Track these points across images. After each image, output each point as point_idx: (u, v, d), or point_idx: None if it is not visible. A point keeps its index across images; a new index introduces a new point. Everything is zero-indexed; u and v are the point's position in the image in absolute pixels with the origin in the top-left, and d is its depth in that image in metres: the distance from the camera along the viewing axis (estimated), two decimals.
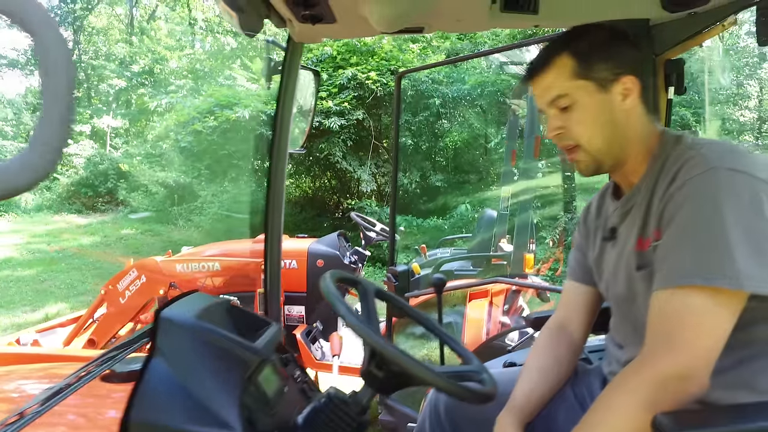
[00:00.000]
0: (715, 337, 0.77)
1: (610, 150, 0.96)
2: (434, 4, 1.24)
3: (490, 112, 9.49)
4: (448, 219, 9.01)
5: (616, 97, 0.95)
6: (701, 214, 0.79)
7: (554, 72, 0.96)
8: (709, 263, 0.77)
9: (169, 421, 0.81)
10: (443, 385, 0.85)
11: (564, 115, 0.97)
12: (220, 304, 1.10)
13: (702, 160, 0.83)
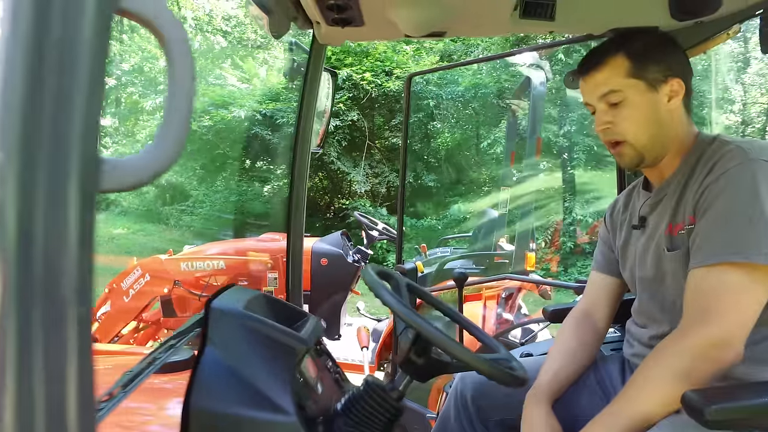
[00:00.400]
0: (750, 311, 0.84)
1: (653, 147, 1.02)
2: (459, 10, 1.30)
3: (483, 114, 9.60)
4: (441, 219, 9.09)
5: (663, 98, 1.01)
6: (739, 199, 0.86)
7: (609, 70, 1.02)
8: (747, 241, 0.84)
9: (227, 408, 0.85)
10: (487, 368, 0.90)
11: (613, 110, 1.02)
12: (261, 296, 1.14)
13: (740, 152, 0.90)
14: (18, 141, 0.40)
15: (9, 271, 0.42)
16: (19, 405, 0.43)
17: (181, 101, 0.50)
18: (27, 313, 0.42)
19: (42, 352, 0.43)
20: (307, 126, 1.62)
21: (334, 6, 1.25)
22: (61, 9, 0.40)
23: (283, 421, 0.86)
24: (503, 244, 3.65)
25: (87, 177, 0.43)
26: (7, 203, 0.40)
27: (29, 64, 0.40)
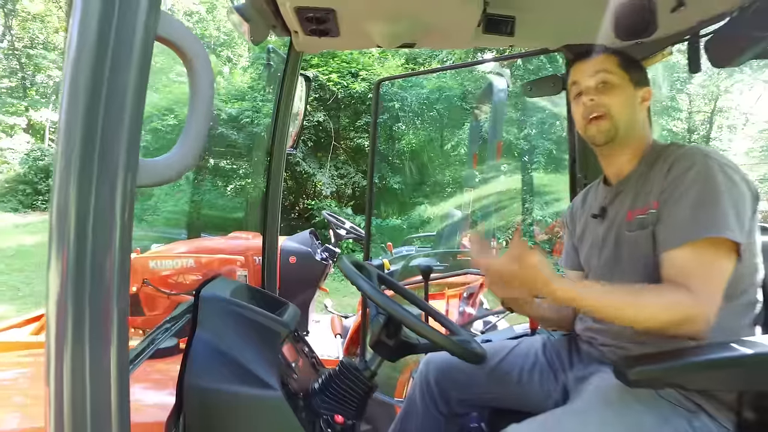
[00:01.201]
0: (719, 286, 0.97)
1: (626, 128, 1.19)
2: (428, 25, 1.42)
3: (447, 116, 9.83)
4: (406, 219, 9.25)
5: (638, 98, 1.20)
6: (706, 188, 1.01)
7: (606, 59, 1.21)
8: (717, 221, 0.98)
9: (219, 384, 0.94)
10: (450, 346, 1.02)
11: (602, 89, 1.19)
12: (244, 286, 1.23)
13: (698, 152, 1.07)
14: (79, 147, 0.49)
15: (69, 252, 0.51)
16: (73, 363, 0.52)
17: (202, 110, 0.60)
18: (82, 283, 0.51)
19: (89, 322, 0.53)
20: (283, 128, 1.70)
21: (312, 18, 1.35)
22: (116, 37, 0.50)
23: (270, 396, 0.95)
24: (466, 242, 3.82)
25: (129, 174, 0.52)
26: (70, 199, 0.49)
27: (90, 85, 0.49)
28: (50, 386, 0.52)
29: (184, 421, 0.91)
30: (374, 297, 1.02)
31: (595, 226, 1.28)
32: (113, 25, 0.49)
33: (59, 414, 0.52)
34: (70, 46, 0.49)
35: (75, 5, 0.48)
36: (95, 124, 0.50)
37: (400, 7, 1.32)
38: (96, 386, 0.52)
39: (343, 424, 1.05)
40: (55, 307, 0.51)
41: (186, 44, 0.58)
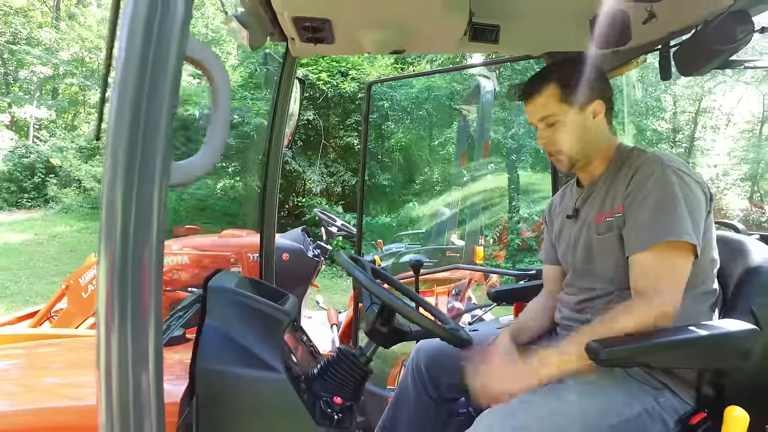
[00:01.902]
0: (681, 284, 1.09)
1: (583, 154, 1.29)
2: (417, 33, 1.51)
3: (435, 116, 9.94)
4: (395, 217, 9.35)
5: (588, 116, 1.27)
6: (665, 196, 1.11)
7: (544, 97, 1.27)
8: (675, 226, 1.09)
9: (228, 367, 1.03)
10: (440, 331, 1.12)
11: (550, 128, 1.28)
12: (246, 278, 1.31)
13: (657, 159, 1.17)
14: (124, 153, 0.58)
15: (116, 246, 0.59)
16: (120, 340, 0.61)
17: (221, 118, 0.69)
18: (125, 273, 0.60)
19: (131, 309, 0.62)
20: (280, 128, 1.79)
21: (309, 27, 1.43)
22: (154, 59, 0.58)
23: (275, 378, 1.04)
24: (454, 239, 3.93)
25: (164, 175, 0.61)
26: (116, 198, 0.58)
27: (134, 100, 0.58)
28: (100, 367, 0.60)
29: (197, 401, 0.99)
30: (370, 286, 1.11)
31: (570, 226, 1.38)
32: (152, 48, 0.58)
33: (109, 392, 0.60)
34: (118, 67, 0.57)
35: (121, 34, 0.57)
36: (137, 133, 0.58)
37: (391, 16, 1.40)
38: (137, 366, 0.61)
39: (341, 404, 1.14)
40: (104, 295, 0.59)
41: (208, 62, 0.67)
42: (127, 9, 0.58)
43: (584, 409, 1.04)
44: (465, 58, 10.07)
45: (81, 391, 1.11)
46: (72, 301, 3.35)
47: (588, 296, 1.29)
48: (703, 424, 1.06)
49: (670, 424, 1.09)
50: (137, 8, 0.57)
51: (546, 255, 1.54)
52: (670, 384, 1.11)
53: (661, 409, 1.09)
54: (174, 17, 0.59)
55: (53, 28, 17.66)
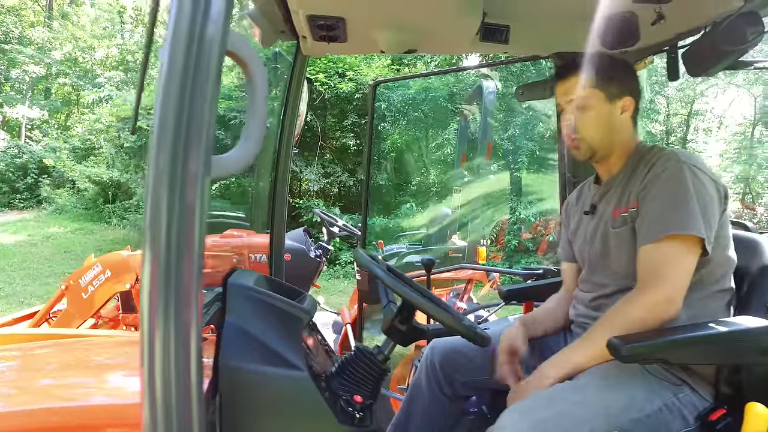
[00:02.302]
0: (687, 273, 1.11)
1: (603, 145, 1.29)
2: (430, 33, 1.51)
3: (432, 117, 9.96)
4: (392, 218, 9.35)
5: (616, 110, 1.28)
6: (678, 190, 1.13)
7: (579, 79, 1.26)
8: (686, 219, 1.10)
9: (250, 365, 1.02)
10: (463, 329, 1.12)
11: (577, 112, 1.28)
12: (262, 276, 1.31)
13: (674, 155, 1.18)
14: (171, 144, 0.57)
15: (161, 242, 0.59)
16: (164, 337, 0.61)
17: (260, 111, 0.69)
18: (169, 261, 0.60)
19: (175, 302, 0.61)
20: (290, 129, 1.78)
21: (323, 25, 1.43)
22: (197, 53, 0.58)
23: (298, 376, 1.04)
24: (456, 240, 3.94)
25: (206, 169, 0.61)
26: (161, 193, 0.58)
27: (179, 93, 0.57)
28: (144, 364, 0.60)
29: (220, 399, 0.99)
30: (393, 285, 1.11)
31: (586, 222, 1.39)
32: (195, 43, 0.58)
33: (152, 391, 0.60)
34: (163, 60, 0.57)
35: (169, 30, 0.57)
36: (181, 126, 0.58)
37: (406, 16, 1.41)
38: (178, 358, 0.61)
39: (362, 403, 1.14)
40: (148, 293, 0.59)
41: (247, 57, 0.67)
42: (172, 5, 0.58)
43: (606, 403, 1.05)
44: (462, 59, 10.11)
45: (75, 391, 1.10)
46: (72, 302, 3.33)
47: (602, 293, 1.31)
48: (723, 420, 1.07)
49: (690, 419, 1.10)
50: (182, 4, 0.57)
51: (564, 252, 1.55)
52: (688, 380, 1.12)
53: (681, 405, 1.09)
54: (216, 11, 0.59)
55: (46, 27, 17.50)
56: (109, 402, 1.07)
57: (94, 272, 3.32)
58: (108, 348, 1.54)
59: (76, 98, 16.32)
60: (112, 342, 1.67)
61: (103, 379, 1.21)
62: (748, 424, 0.99)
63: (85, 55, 16.40)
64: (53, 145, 13.60)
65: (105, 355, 1.44)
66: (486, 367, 1.45)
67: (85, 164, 11.24)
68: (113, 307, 3.61)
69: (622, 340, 1.00)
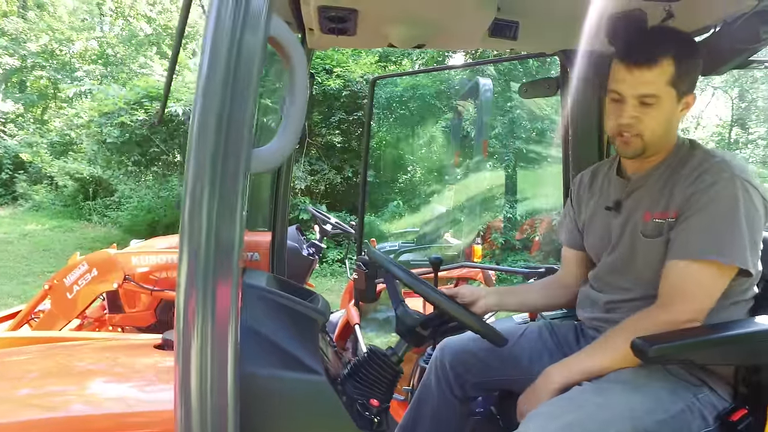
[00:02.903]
0: (714, 298, 1.08)
1: (658, 144, 1.18)
2: (443, 28, 1.48)
3: (420, 114, 9.93)
4: (381, 215, 9.32)
5: (679, 107, 1.16)
6: (725, 209, 1.06)
7: (657, 72, 1.10)
8: (724, 246, 1.05)
9: (267, 369, 0.98)
10: (482, 328, 1.09)
11: (644, 108, 1.13)
12: (272, 276, 1.26)
13: (726, 166, 1.10)
14: (212, 137, 0.53)
15: (200, 224, 0.55)
16: (202, 312, 0.57)
17: (299, 102, 0.65)
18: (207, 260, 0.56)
19: (212, 281, 0.57)
20: None
21: (334, 17, 1.38)
22: (240, 38, 0.54)
23: (317, 380, 1.00)
24: (449, 238, 3.92)
25: (246, 162, 0.57)
26: (204, 181, 0.53)
27: (222, 79, 0.53)
28: (179, 366, 0.56)
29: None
30: (407, 281, 1.08)
31: (607, 218, 1.32)
32: (238, 29, 0.54)
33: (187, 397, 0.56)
34: (206, 50, 0.53)
35: (209, 19, 0.52)
36: (222, 119, 0.54)
37: (420, 10, 1.37)
38: (214, 361, 0.57)
39: (378, 407, 1.11)
40: (185, 287, 0.55)
41: (288, 44, 0.63)
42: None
43: (630, 406, 1.04)
44: (448, 57, 10.11)
45: (55, 400, 1.04)
46: (55, 302, 3.21)
47: (621, 297, 1.27)
48: (745, 420, 1.07)
49: (710, 420, 1.09)
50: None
51: (569, 237, 1.49)
52: (708, 381, 1.12)
53: (701, 406, 1.09)
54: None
55: (20, 17, 16.92)
56: (91, 412, 1.02)
57: (79, 271, 3.21)
58: (91, 353, 1.48)
59: (54, 92, 15.87)
60: (95, 347, 1.60)
61: (86, 387, 1.15)
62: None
63: (63, 48, 15.93)
64: (29, 140, 13.18)
65: (88, 360, 1.38)
66: (498, 368, 1.43)
67: (64, 160, 10.92)
68: (99, 307, 3.50)
69: (646, 341, 0.99)
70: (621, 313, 1.24)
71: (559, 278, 1.52)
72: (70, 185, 10.71)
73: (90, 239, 9.08)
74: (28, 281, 6.78)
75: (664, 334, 1.04)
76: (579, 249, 1.46)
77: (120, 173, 9.71)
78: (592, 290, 1.37)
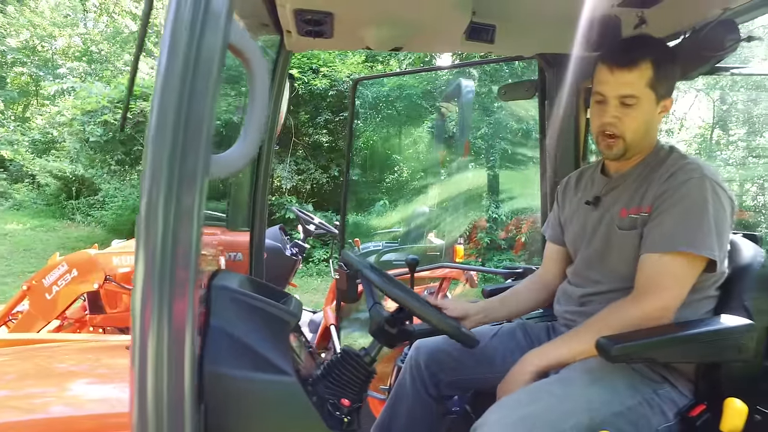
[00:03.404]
0: (685, 289, 1.12)
1: (638, 146, 1.24)
2: (419, 30, 1.50)
3: (406, 114, 9.96)
4: (366, 215, 9.33)
5: (658, 110, 1.21)
6: (695, 205, 1.11)
7: (636, 75, 1.15)
8: (695, 238, 1.10)
9: (236, 370, 0.99)
10: (452, 330, 1.11)
11: (624, 109, 1.18)
12: (245, 277, 1.27)
13: (698, 169, 1.15)
14: (169, 144, 0.54)
15: (156, 242, 0.56)
16: (158, 341, 0.57)
17: (260, 107, 0.66)
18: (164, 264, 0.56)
19: (168, 285, 0.58)
20: (272, 126, 1.74)
21: (311, 20, 1.39)
22: (198, 45, 0.55)
23: (287, 381, 1.01)
24: (432, 238, 3.95)
25: (205, 165, 0.58)
26: (159, 186, 0.54)
27: (178, 88, 0.54)
28: (135, 370, 0.56)
29: (206, 406, 0.95)
30: (385, 286, 1.09)
31: (586, 212, 1.37)
32: (196, 36, 0.55)
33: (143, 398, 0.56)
34: (163, 52, 0.53)
35: (168, 21, 0.53)
36: (179, 122, 0.55)
37: (396, 13, 1.39)
38: (171, 364, 0.57)
39: (349, 407, 1.12)
40: (141, 290, 0.55)
41: (249, 50, 0.63)
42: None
43: (588, 398, 1.07)
44: (435, 58, 10.15)
45: (34, 403, 1.04)
46: (34, 303, 3.17)
47: (594, 290, 1.31)
48: (703, 415, 1.10)
49: (669, 415, 1.12)
50: None
51: (552, 233, 1.53)
52: (669, 377, 1.15)
53: (660, 401, 1.12)
54: (218, 1, 0.56)
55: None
56: (72, 413, 1.02)
57: (59, 272, 3.17)
58: (72, 354, 1.47)
59: (36, 89, 15.60)
60: (75, 348, 1.59)
61: (67, 389, 1.15)
62: (727, 419, 1.02)
63: (45, 44, 15.66)
64: (10, 138, 12.91)
65: (69, 362, 1.37)
66: (472, 367, 1.45)
67: (46, 158, 10.73)
68: (79, 308, 3.46)
69: (610, 341, 1.01)
70: (594, 306, 1.28)
71: (540, 277, 1.56)
72: (52, 184, 10.53)
73: (73, 239, 8.95)
74: (8, 282, 6.67)
75: (628, 333, 1.07)
76: (561, 244, 1.50)
77: (103, 172, 9.58)
78: (569, 285, 1.41)
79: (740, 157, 13.28)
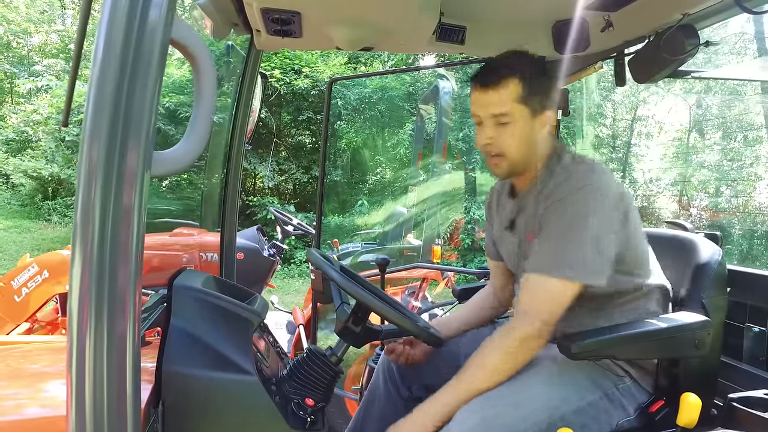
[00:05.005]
0: (556, 314, 1.09)
1: (524, 161, 1.22)
2: (388, 30, 1.50)
3: (388, 115, 9.98)
4: (347, 216, 9.32)
5: (538, 125, 1.20)
6: (573, 223, 1.09)
7: (504, 91, 1.15)
8: (567, 261, 1.07)
9: (196, 370, 0.98)
10: (416, 330, 1.12)
11: (499, 128, 1.18)
12: (211, 277, 1.26)
13: (580, 177, 1.12)
14: (105, 138, 0.53)
15: (94, 241, 0.55)
16: (96, 344, 0.57)
17: (206, 105, 0.65)
18: (102, 265, 0.55)
19: (108, 288, 0.57)
20: (242, 125, 1.73)
21: (278, 19, 1.39)
22: (138, 39, 0.54)
23: (247, 381, 1.00)
24: (411, 239, 3.96)
25: (146, 165, 0.57)
26: (96, 184, 0.53)
27: (116, 81, 0.53)
28: (72, 373, 0.55)
29: (164, 408, 0.94)
30: (346, 285, 1.09)
31: (507, 237, 1.36)
32: (135, 30, 0.54)
33: (81, 402, 0.55)
34: (96, 50, 0.53)
35: (104, 12, 0.52)
36: (118, 118, 0.54)
37: (362, 13, 1.39)
38: (113, 372, 0.56)
39: (313, 406, 1.11)
40: (78, 292, 0.54)
41: (193, 47, 0.63)
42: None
43: (548, 396, 1.08)
44: (418, 59, 10.19)
45: (5, 404, 1.01)
46: (3, 305, 3.10)
47: None
48: (662, 410, 1.13)
49: (630, 410, 1.15)
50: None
51: (488, 251, 1.53)
52: (631, 372, 1.17)
53: (621, 395, 1.14)
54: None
55: None
56: (49, 414, 1.00)
57: (29, 273, 3.10)
58: (44, 355, 1.44)
59: (10, 87, 15.22)
60: (48, 348, 1.56)
61: (38, 390, 1.12)
62: (683, 413, 1.04)
63: (20, 40, 15.28)
64: None
65: (41, 363, 1.35)
66: (442, 368, 1.45)
67: (21, 158, 10.47)
68: (51, 310, 3.39)
69: (570, 338, 1.03)
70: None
71: (490, 291, 1.56)
72: (28, 184, 10.28)
73: (49, 240, 8.76)
74: None
75: (586, 332, 1.09)
76: (500, 260, 1.47)
77: None
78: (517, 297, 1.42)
79: (716, 160, 13.61)
